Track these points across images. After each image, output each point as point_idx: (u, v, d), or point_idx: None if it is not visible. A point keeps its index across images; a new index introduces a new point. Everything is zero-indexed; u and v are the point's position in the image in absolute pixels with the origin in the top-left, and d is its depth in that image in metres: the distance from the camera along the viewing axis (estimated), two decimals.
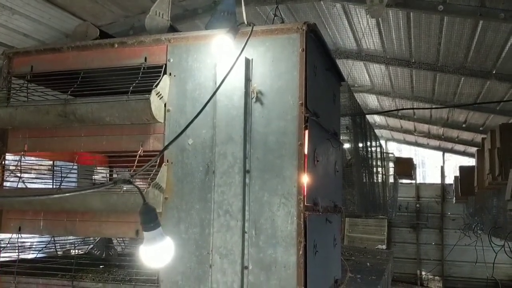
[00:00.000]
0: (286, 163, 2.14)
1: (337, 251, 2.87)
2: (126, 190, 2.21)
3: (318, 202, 2.29)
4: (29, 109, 2.37)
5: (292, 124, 2.14)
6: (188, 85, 2.31)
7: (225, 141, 2.23)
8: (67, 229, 2.42)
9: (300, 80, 2.16)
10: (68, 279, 2.39)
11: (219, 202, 2.20)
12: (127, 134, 2.38)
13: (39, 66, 2.52)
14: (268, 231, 2.13)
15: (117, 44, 2.42)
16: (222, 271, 2.16)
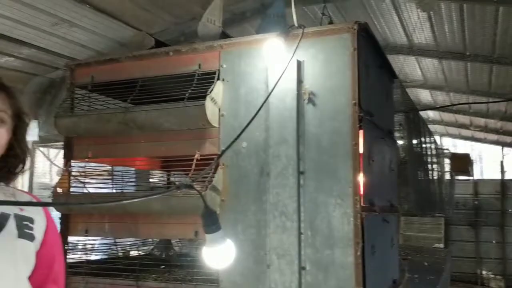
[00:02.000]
0: (340, 163, 2.14)
1: (394, 251, 2.83)
2: (184, 193, 2.28)
3: (374, 202, 2.28)
4: (92, 118, 2.50)
5: (346, 124, 2.14)
6: (241, 89, 2.36)
7: (278, 143, 2.25)
8: (130, 231, 2.53)
9: (353, 79, 2.15)
10: (133, 279, 2.49)
11: (275, 204, 2.23)
12: (183, 139, 2.45)
13: (99, 76, 2.65)
14: (324, 232, 2.14)
15: (172, 52, 2.50)
16: (279, 271, 2.19)
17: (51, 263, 1.37)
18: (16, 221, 1.28)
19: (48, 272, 1.36)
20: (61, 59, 4.57)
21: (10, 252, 1.25)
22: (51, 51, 4.36)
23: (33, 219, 1.32)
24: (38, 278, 1.33)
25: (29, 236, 1.30)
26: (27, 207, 1.33)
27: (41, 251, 1.33)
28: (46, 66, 4.68)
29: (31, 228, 1.31)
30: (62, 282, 1.43)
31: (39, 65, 4.61)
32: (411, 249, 7.26)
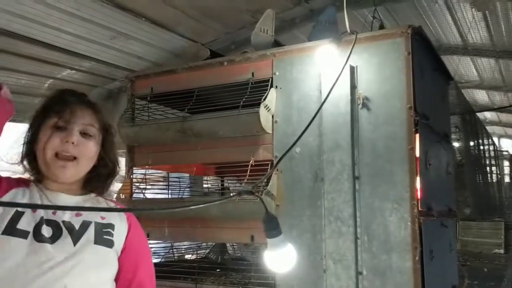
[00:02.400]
0: (396, 168, 2.13)
1: (453, 256, 2.77)
2: (240, 199, 2.34)
3: (432, 207, 2.24)
4: (152, 127, 2.62)
5: (401, 128, 2.13)
6: (293, 96, 2.40)
7: (332, 148, 2.27)
8: (188, 235, 2.62)
9: (408, 83, 2.14)
10: (191, 282, 2.57)
11: (330, 209, 2.25)
12: (238, 146, 2.51)
13: (158, 87, 2.77)
14: (381, 237, 2.13)
15: (226, 62, 2.58)
16: (336, 276, 2.20)
17: (134, 268, 1.43)
18: (96, 228, 1.37)
19: (132, 277, 1.42)
20: (118, 71, 4.77)
21: (91, 258, 1.33)
22: (109, 63, 4.56)
23: (114, 225, 1.41)
24: (122, 282, 1.41)
25: (107, 242, 1.38)
26: (109, 215, 1.43)
27: (122, 257, 1.41)
28: (104, 77, 4.89)
29: (111, 235, 1.39)
30: (149, 286, 1.47)
31: (98, 77, 4.83)
32: (470, 254, 7.01)
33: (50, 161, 1.35)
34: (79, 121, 1.39)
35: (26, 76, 4.41)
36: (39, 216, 1.32)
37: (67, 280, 1.26)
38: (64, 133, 1.36)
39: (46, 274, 1.25)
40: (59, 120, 1.37)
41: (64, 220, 1.34)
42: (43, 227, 1.30)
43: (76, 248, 1.31)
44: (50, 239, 1.30)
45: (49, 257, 1.27)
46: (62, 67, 4.45)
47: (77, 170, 1.39)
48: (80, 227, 1.35)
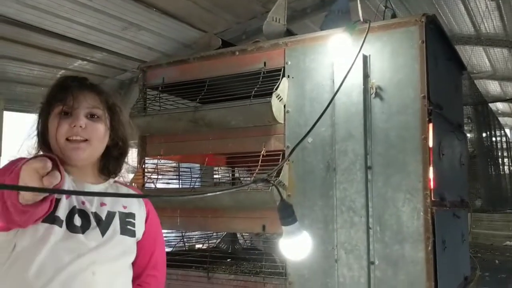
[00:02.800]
0: (409, 158, 2.12)
1: (465, 247, 2.76)
2: (252, 189, 2.34)
3: (445, 197, 2.23)
4: (164, 117, 2.62)
5: (415, 118, 2.12)
6: (306, 85, 2.39)
7: (345, 138, 2.26)
8: (200, 225, 2.63)
9: (421, 72, 2.12)
10: (203, 271, 2.59)
11: (342, 199, 2.25)
12: (250, 136, 2.51)
13: (169, 77, 2.77)
14: (394, 227, 2.12)
15: (238, 52, 2.57)
16: (348, 266, 2.20)
17: (151, 250, 1.51)
18: (120, 218, 1.43)
19: (148, 259, 1.51)
20: (129, 62, 4.80)
21: (117, 247, 1.39)
22: (120, 54, 4.58)
23: (135, 215, 1.47)
24: (140, 264, 1.50)
25: (131, 233, 1.44)
26: (129, 203, 1.47)
27: (141, 241, 1.49)
28: (116, 68, 4.92)
29: (133, 225, 1.45)
30: (162, 266, 1.57)
31: (110, 67, 4.86)
32: (481, 246, 6.98)
33: (63, 146, 1.39)
34: (83, 105, 1.41)
35: (38, 67, 4.45)
36: (71, 204, 1.36)
37: (95, 267, 1.33)
38: (71, 119, 1.39)
39: (76, 262, 1.30)
40: (63, 106, 1.39)
41: (92, 211, 1.39)
42: (76, 217, 1.35)
43: (104, 239, 1.37)
44: (81, 229, 1.35)
45: (79, 246, 1.32)
46: (74, 58, 4.48)
47: (90, 151, 1.41)
48: (106, 218, 1.41)
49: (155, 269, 1.54)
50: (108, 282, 1.36)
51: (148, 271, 1.52)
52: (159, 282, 1.58)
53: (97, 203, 1.42)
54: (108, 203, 1.44)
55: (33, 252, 1.29)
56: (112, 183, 1.53)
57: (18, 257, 1.31)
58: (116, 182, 1.56)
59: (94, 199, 1.43)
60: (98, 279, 1.33)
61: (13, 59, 4.22)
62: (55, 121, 1.40)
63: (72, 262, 1.30)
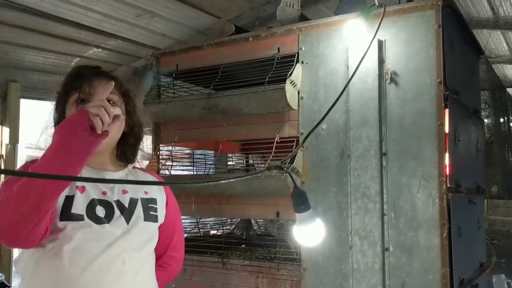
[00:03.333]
0: (425, 144, 2.10)
1: (481, 234, 2.74)
2: (266, 176, 2.35)
3: (461, 183, 2.21)
4: (178, 104, 2.63)
5: (430, 103, 2.09)
6: (320, 71, 2.37)
7: (359, 124, 2.25)
8: (215, 211, 2.65)
9: (438, 57, 2.09)
10: (218, 256, 2.61)
11: (356, 185, 2.24)
12: (263, 123, 2.51)
13: (183, 64, 2.77)
14: (408, 214, 2.11)
15: (251, 38, 2.56)
16: (362, 253, 2.20)
17: (171, 233, 1.58)
18: (143, 205, 1.47)
19: (169, 241, 1.58)
20: (143, 49, 4.81)
21: (142, 233, 1.45)
22: (134, 41, 4.59)
23: (156, 200, 1.50)
24: (161, 247, 1.56)
25: (154, 218, 1.49)
26: (150, 189, 1.51)
27: (163, 224, 1.52)
28: (130, 56, 4.93)
29: (155, 210, 1.50)
30: (181, 247, 1.65)
31: (124, 55, 4.87)
32: (497, 233, 6.91)
33: None
34: (100, 91, 1.43)
35: (54, 55, 4.48)
36: (90, 197, 1.40)
37: (124, 255, 1.38)
38: None
39: (106, 252, 1.35)
40: (80, 94, 1.43)
41: (115, 200, 1.44)
42: (97, 208, 1.39)
43: (129, 226, 1.42)
44: (106, 219, 1.39)
45: (107, 235, 1.37)
46: (89, 45, 4.50)
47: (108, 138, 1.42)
48: (129, 205, 1.45)
49: (175, 250, 1.61)
50: (137, 269, 1.40)
51: (168, 253, 1.60)
52: (179, 262, 1.66)
53: (119, 191, 1.45)
54: (130, 190, 1.48)
55: (62, 248, 1.33)
56: (131, 169, 1.56)
57: (49, 255, 1.34)
58: (135, 168, 1.59)
59: (115, 187, 1.46)
60: (128, 267, 1.37)
61: (30, 48, 4.25)
62: (72, 109, 1.43)
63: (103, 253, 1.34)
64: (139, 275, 1.41)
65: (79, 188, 1.40)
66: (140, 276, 1.42)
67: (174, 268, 1.63)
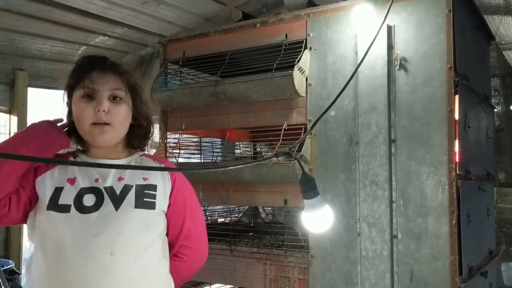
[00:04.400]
0: (434, 130, 2.07)
1: (491, 221, 2.72)
2: (274, 163, 2.34)
3: (470, 170, 2.19)
4: (185, 91, 2.62)
5: (440, 89, 2.06)
6: (328, 58, 2.34)
7: (368, 111, 2.23)
8: (222, 199, 2.65)
9: (448, 43, 2.06)
10: (226, 244, 2.62)
11: (364, 172, 2.23)
12: (271, 110, 2.49)
13: (190, 51, 2.75)
14: (417, 201, 2.10)
15: (259, 24, 2.53)
16: (370, 240, 2.19)
17: (180, 221, 1.50)
18: (136, 191, 1.41)
19: (179, 230, 1.50)
20: (149, 36, 4.79)
21: (134, 222, 1.37)
22: (141, 29, 4.57)
23: (156, 186, 1.44)
24: (172, 236, 1.50)
25: (148, 205, 1.41)
26: (152, 175, 1.46)
27: (169, 212, 1.47)
28: (136, 43, 4.91)
29: (152, 196, 1.42)
30: (197, 236, 1.55)
31: (130, 43, 4.86)
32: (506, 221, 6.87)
33: (88, 131, 1.41)
34: (105, 87, 1.41)
35: (60, 43, 4.48)
36: (78, 187, 1.37)
37: (113, 247, 1.31)
38: (95, 102, 1.40)
39: (92, 242, 1.30)
40: (85, 90, 1.41)
41: (105, 187, 1.39)
42: (85, 197, 1.36)
43: (118, 213, 1.36)
44: (94, 207, 1.35)
45: (93, 225, 1.32)
46: (95, 33, 4.49)
47: (115, 134, 1.44)
48: (121, 192, 1.39)
49: (188, 239, 1.52)
50: (129, 260, 1.33)
51: (181, 242, 1.51)
52: (196, 252, 1.56)
53: (114, 178, 1.41)
54: (126, 177, 1.42)
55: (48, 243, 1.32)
56: (137, 157, 1.53)
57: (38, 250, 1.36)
58: (143, 155, 1.56)
59: (110, 175, 1.41)
60: (117, 259, 1.31)
61: (36, 36, 4.25)
62: (79, 105, 1.41)
63: (88, 244, 1.30)
64: (132, 268, 1.33)
65: (70, 180, 1.38)
66: (134, 269, 1.33)
67: (190, 259, 1.54)
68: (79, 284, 1.27)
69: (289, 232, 2.57)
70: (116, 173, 1.42)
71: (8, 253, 4.44)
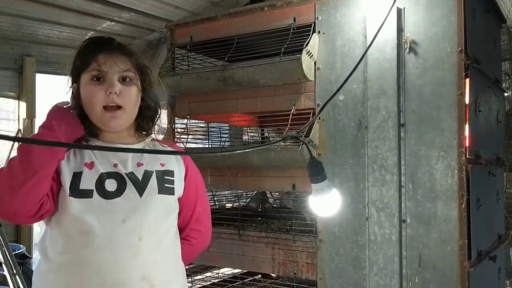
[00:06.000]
0: (444, 114, 2.05)
1: (500, 205, 2.71)
2: (282, 147, 2.34)
3: (480, 155, 2.17)
4: (192, 76, 2.61)
5: (451, 73, 2.04)
6: (337, 41, 2.32)
7: (377, 95, 2.21)
8: (230, 184, 2.65)
9: (459, 25, 2.03)
10: (234, 229, 2.63)
11: (373, 157, 2.22)
12: (279, 95, 2.48)
13: (197, 36, 2.74)
14: (426, 185, 2.09)
15: (266, 7, 2.51)
16: (379, 224, 2.19)
17: (192, 205, 1.52)
18: (157, 177, 1.42)
19: (191, 214, 1.52)
20: (156, 21, 4.76)
21: (158, 207, 1.39)
22: (147, 13, 4.54)
23: (173, 172, 1.46)
24: (183, 220, 1.51)
25: (169, 191, 1.43)
26: (168, 160, 1.47)
27: (182, 198, 1.48)
28: (143, 29, 4.89)
29: (172, 182, 1.44)
30: (205, 220, 1.60)
31: (137, 28, 4.84)
32: None
33: (100, 115, 1.38)
34: (115, 69, 1.38)
35: (68, 29, 4.46)
36: (98, 172, 1.36)
37: (140, 232, 1.33)
38: (105, 85, 1.37)
39: (120, 228, 1.31)
40: (95, 72, 1.38)
41: (127, 173, 1.38)
42: (106, 182, 1.34)
43: (143, 199, 1.37)
44: (117, 193, 1.34)
45: (119, 210, 1.33)
46: (102, 18, 4.47)
47: (126, 118, 1.42)
48: (143, 178, 1.39)
49: (198, 223, 1.55)
50: (154, 245, 1.36)
51: (191, 226, 1.53)
52: (204, 235, 1.60)
53: (133, 164, 1.41)
54: (145, 163, 1.42)
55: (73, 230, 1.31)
56: (149, 142, 1.53)
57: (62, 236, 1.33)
58: (154, 140, 1.56)
59: (128, 160, 1.41)
60: (144, 244, 1.33)
61: (44, 21, 4.24)
62: (89, 88, 1.38)
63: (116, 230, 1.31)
64: (157, 252, 1.36)
65: (87, 164, 1.36)
66: (159, 253, 1.36)
67: (198, 242, 1.57)
68: (108, 268, 1.28)
69: (297, 217, 2.57)
70: (134, 158, 1.42)
71: (19, 237, 4.49)
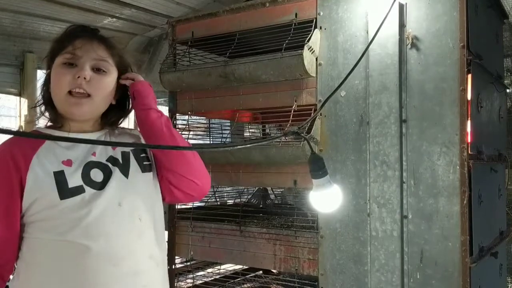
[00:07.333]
0: (446, 110, 2.05)
1: (502, 202, 2.70)
2: (284, 144, 2.33)
3: (482, 151, 2.17)
4: (194, 72, 2.60)
5: (453, 68, 2.03)
6: (339, 37, 2.31)
7: (379, 91, 2.20)
8: (232, 180, 2.65)
9: (461, 21, 2.02)
10: (236, 225, 2.63)
11: (375, 153, 2.21)
12: (281, 90, 2.48)
13: (198, 32, 2.73)
14: (428, 181, 2.09)
15: (268, 3, 2.50)
16: (380, 220, 2.19)
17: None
18: (135, 156, 1.39)
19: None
20: (157, 18, 4.76)
21: (140, 187, 1.37)
22: (149, 10, 4.54)
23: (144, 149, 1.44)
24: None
25: (148, 168, 1.41)
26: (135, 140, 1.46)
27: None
28: (144, 25, 4.89)
29: (147, 159, 1.41)
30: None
31: (139, 24, 4.83)
32: None
33: (64, 99, 1.30)
34: (90, 56, 1.31)
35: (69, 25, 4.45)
36: (80, 166, 1.30)
37: (138, 212, 1.33)
38: (76, 69, 1.29)
39: (119, 212, 1.29)
40: (68, 55, 1.30)
41: (107, 158, 1.34)
42: (91, 173, 1.30)
43: (130, 180, 1.34)
44: (105, 180, 1.31)
45: (113, 195, 1.30)
46: (104, 15, 4.47)
47: (92, 107, 1.32)
48: (123, 159, 1.36)
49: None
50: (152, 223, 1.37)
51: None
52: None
53: (108, 148, 1.36)
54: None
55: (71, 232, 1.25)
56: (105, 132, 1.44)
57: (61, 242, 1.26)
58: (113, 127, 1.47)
59: (103, 146, 1.35)
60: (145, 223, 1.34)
61: (45, 18, 4.24)
62: (58, 70, 1.30)
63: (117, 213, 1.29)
64: (155, 229, 1.38)
65: (65, 162, 1.29)
66: (156, 230, 1.38)
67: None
68: (122, 252, 1.27)
69: (298, 213, 2.57)
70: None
71: None
